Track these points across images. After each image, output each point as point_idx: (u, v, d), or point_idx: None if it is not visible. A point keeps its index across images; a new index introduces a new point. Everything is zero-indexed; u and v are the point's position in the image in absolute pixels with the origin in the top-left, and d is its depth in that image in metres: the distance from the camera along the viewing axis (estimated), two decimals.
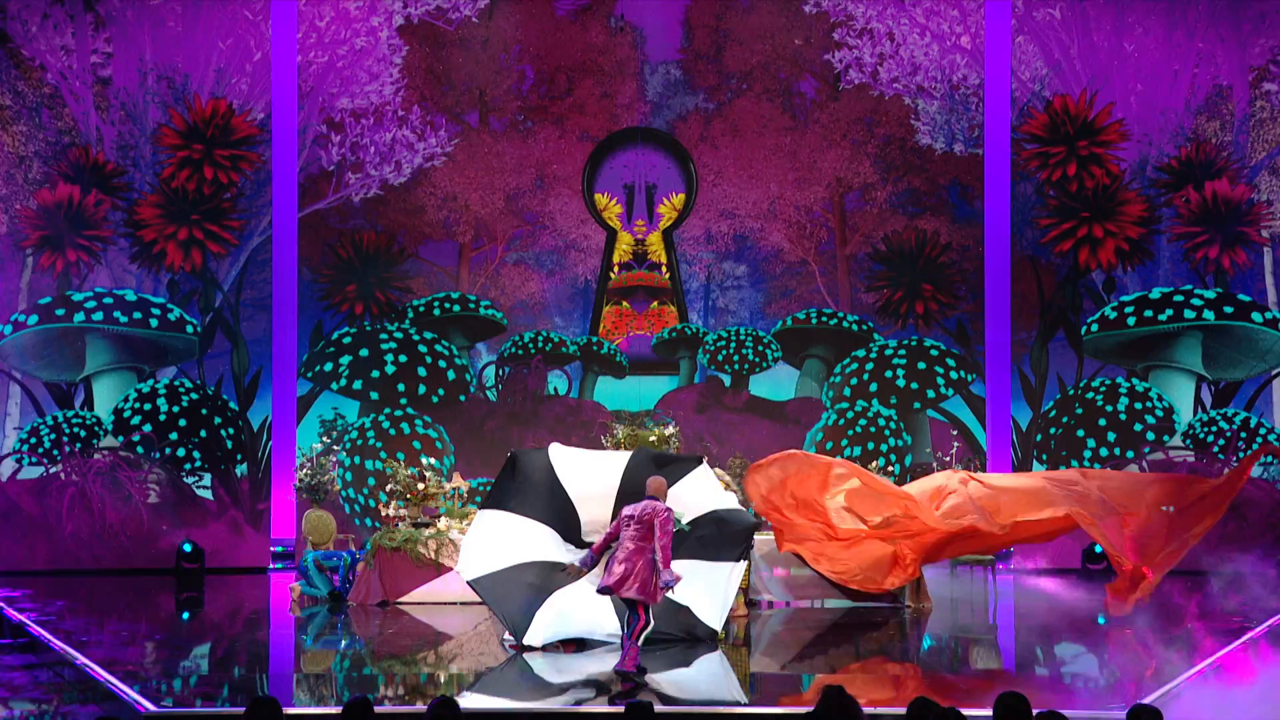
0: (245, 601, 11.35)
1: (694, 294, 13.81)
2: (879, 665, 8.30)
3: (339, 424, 13.42)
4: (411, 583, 10.32)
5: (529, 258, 13.75)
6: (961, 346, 13.52)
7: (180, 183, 13.11)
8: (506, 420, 13.69)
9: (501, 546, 8.66)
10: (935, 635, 9.46)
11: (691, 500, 8.84)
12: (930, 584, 10.50)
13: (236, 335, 13.29)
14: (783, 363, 13.70)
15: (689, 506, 8.80)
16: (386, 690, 7.21)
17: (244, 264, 13.31)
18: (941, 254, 13.50)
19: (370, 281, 13.52)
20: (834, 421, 13.49)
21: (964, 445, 12.79)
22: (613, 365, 13.82)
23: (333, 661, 8.51)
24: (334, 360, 13.44)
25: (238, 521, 13.08)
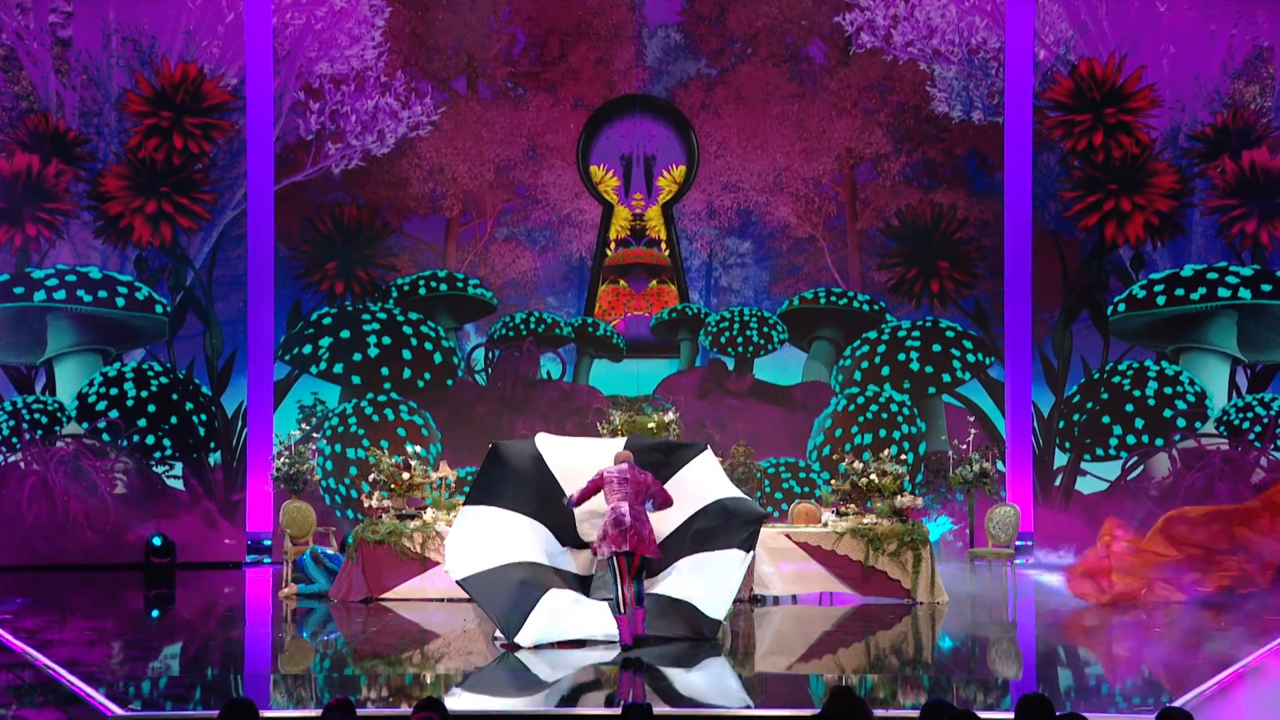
0: (219, 598, 11.34)
1: (695, 272, 13.80)
2: (891, 665, 8.28)
3: (319, 410, 13.42)
4: (396, 578, 10.31)
5: (520, 233, 13.73)
6: (979, 328, 13.51)
7: (148, 153, 13.04)
8: (496, 406, 13.69)
9: (490, 544, 8.62)
10: (951, 633, 9.44)
11: (697, 489, 8.80)
12: (946, 579, 10.51)
13: (209, 315, 13.26)
14: (789, 345, 13.70)
15: (694, 495, 8.76)
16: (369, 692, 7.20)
17: (217, 240, 13.28)
18: (958, 229, 13.46)
19: (352, 258, 13.51)
20: (843, 407, 13.48)
21: (981, 432, 12.76)
22: (609, 348, 13.82)
23: (312, 661, 8.49)
24: (313, 342, 13.44)
25: (211, 513, 13.09)
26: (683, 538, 8.66)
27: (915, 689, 7.38)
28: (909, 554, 10.25)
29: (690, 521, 8.71)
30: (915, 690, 7.34)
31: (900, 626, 9.44)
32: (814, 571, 10.33)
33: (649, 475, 8.46)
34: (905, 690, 7.35)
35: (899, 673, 7.94)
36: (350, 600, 10.23)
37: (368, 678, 7.62)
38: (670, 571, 8.64)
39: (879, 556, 10.27)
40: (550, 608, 8.27)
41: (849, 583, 10.31)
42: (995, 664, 8.59)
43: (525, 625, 8.16)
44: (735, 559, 8.60)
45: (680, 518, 8.73)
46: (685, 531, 8.67)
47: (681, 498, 8.73)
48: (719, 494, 8.82)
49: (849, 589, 10.30)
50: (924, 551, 10.24)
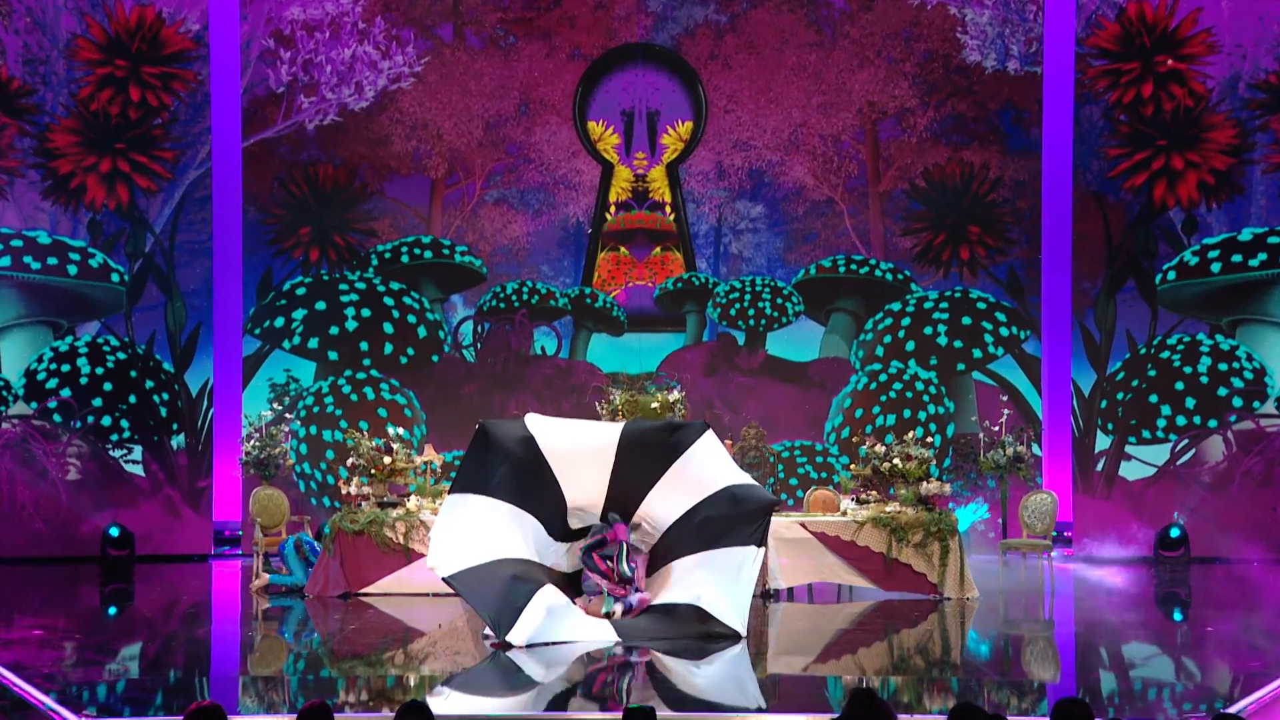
0: (183, 594, 11.33)
1: (703, 238, 13.78)
2: (916, 666, 8.27)
3: (292, 388, 13.42)
4: (377, 571, 10.31)
5: (511, 196, 13.72)
6: (1013, 299, 13.48)
7: (101, 105, 12.97)
8: (486, 384, 13.70)
9: (478, 538, 8.58)
10: (982, 632, 9.44)
11: (701, 474, 8.75)
12: (976, 573, 10.50)
13: (171, 285, 13.22)
14: (805, 318, 13.70)
15: (699, 481, 8.71)
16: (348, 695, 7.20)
17: (179, 202, 13.22)
18: (991, 191, 13.42)
19: (327, 223, 13.49)
20: (864, 386, 13.48)
21: (1016, 413, 12.74)
22: (609, 321, 13.82)
23: (285, 662, 8.50)
24: (286, 315, 13.43)
25: (174, 502, 13.09)
26: (687, 529, 8.62)
27: (943, 692, 7.38)
28: (935, 545, 10.24)
29: (695, 511, 8.65)
30: (942, 693, 7.33)
31: (926, 624, 9.42)
32: (832, 564, 10.32)
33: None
34: (932, 693, 7.35)
35: (924, 674, 7.94)
36: (327, 596, 10.22)
37: (346, 680, 7.63)
38: (674, 570, 8.60)
39: (903, 548, 10.26)
40: (545, 604, 8.24)
41: (870, 576, 10.29)
42: (1030, 665, 8.58)
43: (518, 623, 8.14)
44: (747, 557, 8.55)
45: (684, 506, 8.69)
46: (690, 522, 8.63)
47: (685, 484, 8.69)
48: (726, 480, 8.77)
49: (870, 583, 10.29)
50: (952, 543, 10.23)
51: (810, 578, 10.38)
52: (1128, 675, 8.17)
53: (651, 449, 8.77)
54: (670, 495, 8.71)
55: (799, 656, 8.63)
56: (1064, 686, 7.74)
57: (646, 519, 8.76)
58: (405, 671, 7.96)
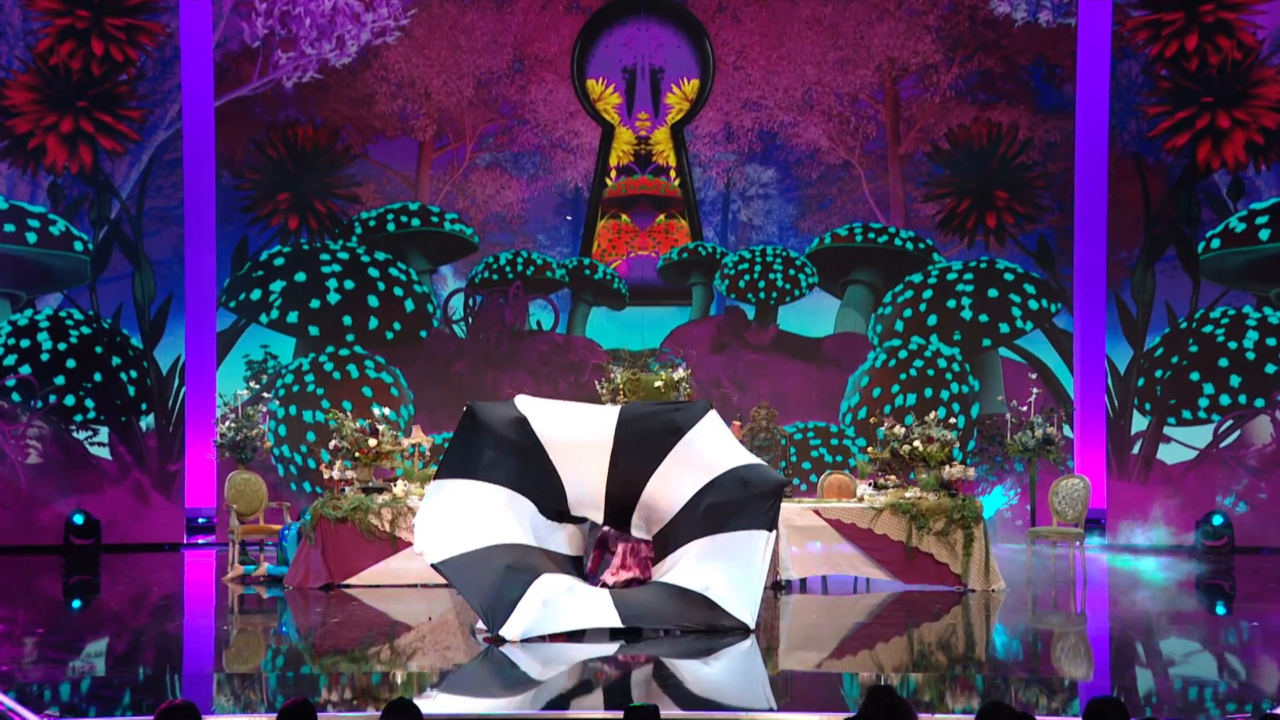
0: (153, 585, 11.36)
1: (710, 205, 13.77)
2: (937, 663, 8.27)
3: (270, 366, 13.42)
4: (361, 561, 10.33)
5: (505, 160, 13.69)
6: (1044, 269, 13.45)
7: (61, 59, 12.91)
8: (478, 361, 13.70)
9: (469, 523, 8.56)
10: (1008, 626, 9.44)
11: (707, 456, 8.73)
12: (1002, 562, 10.50)
13: (139, 254, 13.20)
14: (819, 290, 13.70)
15: (704, 464, 8.69)
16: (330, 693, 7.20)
17: (147, 165, 13.20)
18: (1020, 153, 13.37)
19: (307, 188, 13.47)
20: (883, 363, 13.48)
21: (1045, 392, 12.74)
22: (609, 294, 13.82)
23: (263, 659, 8.50)
24: (263, 287, 13.42)
25: (143, 487, 13.11)
26: (693, 515, 8.60)
27: (966, 690, 7.39)
28: (959, 533, 10.24)
29: (701, 495, 8.63)
30: (966, 692, 7.34)
31: (948, 618, 9.43)
32: (847, 554, 10.33)
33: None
34: (955, 692, 7.35)
35: (947, 671, 7.94)
36: (308, 587, 10.22)
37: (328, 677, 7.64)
38: (680, 557, 8.58)
39: (924, 536, 10.27)
40: (541, 595, 8.23)
41: (888, 567, 10.30)
42: (1060, 662, 8.58)
43: (512, 615, 8.12)
44: (757, 542, 8.53)
45: (689, 491, 8.66)
46: (695, 507, 8.61)
47: (689, 467, 8.67)
48: (732, 462, 8.74)
49: (888, 574, 10.29)
50: (976, 531, 10.23)
51: (824, 568, 10.39)
52: (1166, 673, 8.16)
53: (652, 432, 8.75)
54: (673, 480, 8.69)
55: (812, 652, 8.63)
56: (1097, 685, 7.73)
57: (649, 505, 8.75)
58: (392, 668, 7.96)
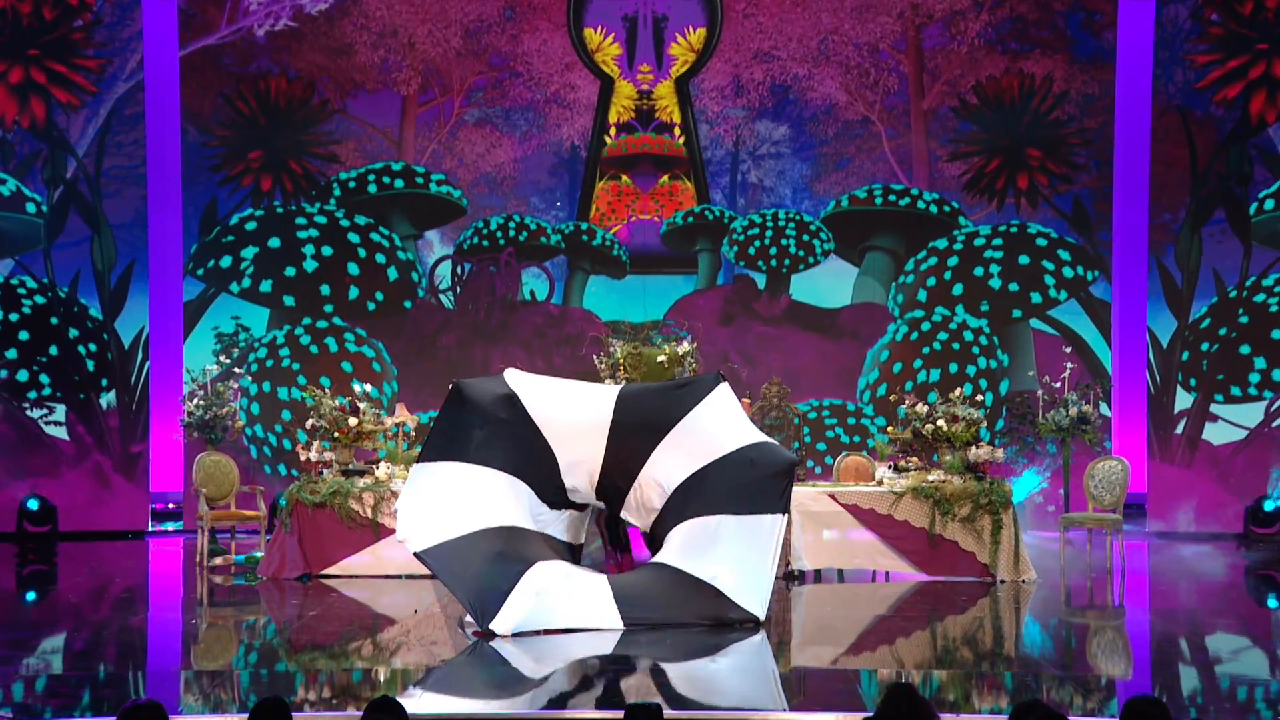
0: (115, 576, 11.36)
1: (718, 165, 13.74)
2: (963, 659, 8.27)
3: (241, 339, 13.41)
4: (340, 549, 10.35)
5: (496, 115, 13.68)
6: (1080, 234, 13.42)
7: (9, 2, 12.85)
8: (467, 334, 13.71)
9: (456, 507, 8.53)
10: (1040, 620, 9.43)
11: (712, 434, 8.69)
12: (1034, 552, 10.48)
13: (97, 217, 13.18)
14: (835, 257, 13.68)
15: (709, 443, 8.66)
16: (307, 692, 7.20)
17: (106, 120, 13.15)
18: (1055, 107, 13.33)
19: (281, 146, 13.46)
20: (904, 336, 13.47)
21: (1081, 366, 12.71)
22: (608, 261, 13.79)
23: (234, 655, 8.50)
24: (233, 253, 13.40)
25: (103, 470, 13.12)
26: (695, 493, 8.56)
27: (994, 689, 7.38)
28: (986, 520, 10.25)
29: (704, 473, 8.59)
30: (994, 691, 7.34)
31: (974, 611, 9.43)
32: (865, 542, 10.34)
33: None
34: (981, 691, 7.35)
35: (973, 669, 7.92)
36: (283, 578, 10.23)
37: (305, 674, 7.63)
38: (681, 534, 8.54)
39: (948, 523, 10.27)
40: (535, 586, 8.20)
41: (910, 556, 10.31)
42: (1097, 659, 8.57)
43: (503, 609, 8.10)
44: (768, 527, 8.49)
45: (691, 468, 8.62)
46: (698, 486, 8.57)
47: (693, 444, 8.63)
48: (740, 440, 8.70)
49: (910, 564, 10.31)
50: (1005, 517, 10.23)
51: (840, 557, 10.39)
52: (1212, 671, 8.15)
53: (654, 406, 8.74)
54: (675, 456, 8.65)
55: (827, 647, 8.62)
56: (1137, 683, 7.72)
57: (646, 487, 8.71)
58: (374, 665, 7.95)
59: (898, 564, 10.31)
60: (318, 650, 8.23)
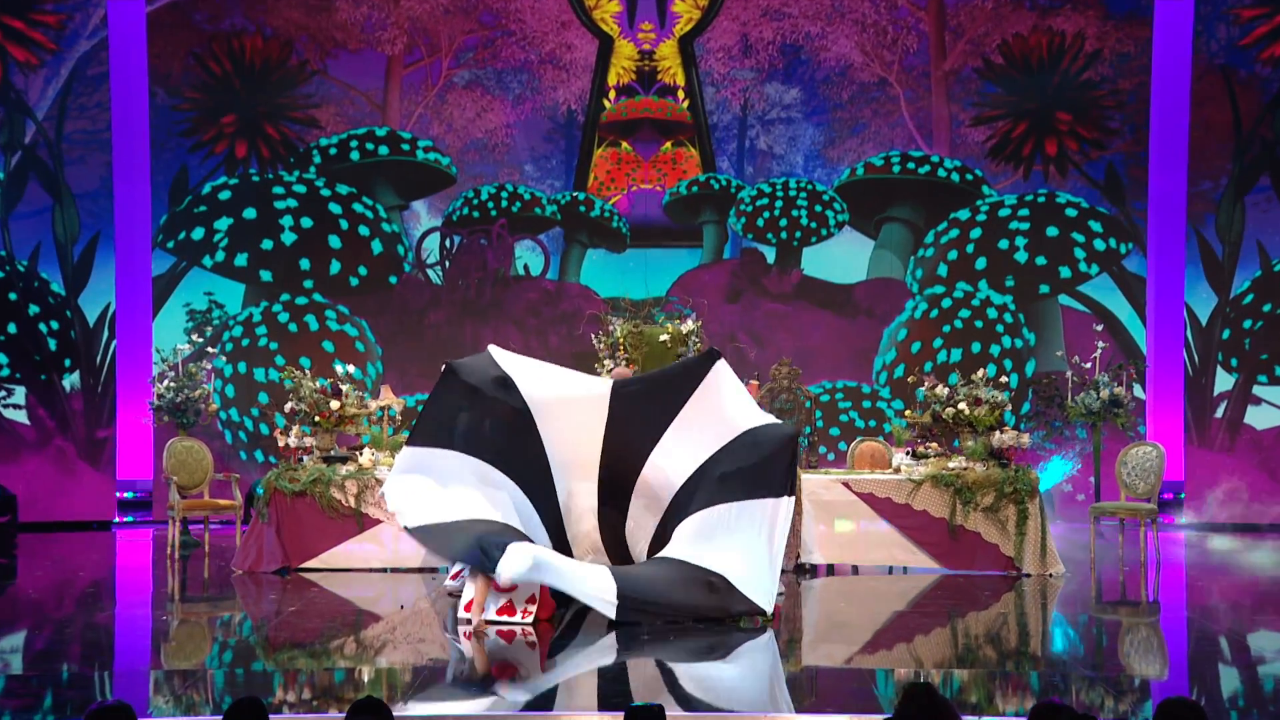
0: (79, 570, 11.36)
1: (725, 130, 13.73)
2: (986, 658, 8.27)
3: (215, 316, 13.41)
4: (322, 541, 10.38)
5: (487, 78, 13.66)
6: (1113, 203, 13.41)
7: None
8: (456, 311, 13.71)
9: (446, 496, 8.60)
10: (1068, 616, 9.44)
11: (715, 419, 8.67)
12: (1062, 544, 10.48)
13: (59, 185, 13.16)
14: (850, 229, 13.68)
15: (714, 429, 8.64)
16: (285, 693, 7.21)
17: (67, 81, 13.12)
18: (1087, 67, 13.30)
19: (257, 110, 13.45)
20: (924, 313, 13.47)
21: (1113, 346, 12.69)
22: (607, 234, 13.80)
23: (207, 653, 8.51)
24: (206, 224, 13.40)
25: (67, 456, 13.13)
26: (702, 484, 8.57)
27: (1019, 690, 7.39)
28: (1011, 510, 10.27)
29: (706, 468, 8.61)
30: (1019, 692, 7.35)
31: (998, 606, 9.45)
32: (881, 533, 10.36)
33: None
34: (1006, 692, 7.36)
35: (997, 668, 7.92)
36: (260, 571, 10.27)
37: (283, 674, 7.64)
38: (688, 528, 8.55)
39: (970, 513, 10.28)
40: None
41: (929, 548, 10.33)
42: (1129, 659, 8.57)
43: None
44: (773, 510, 8.48)
45: (699, 458, 8.62)
46: (707, 477, 8.58)
47: (697, 431, 8.63)
48: (743, 424, 8.70)
49: (929, 556, 10.33)
50: (1031, 506, 10.25)
51: (855, 550, 10.41)
52: (1255, 672, 8.15)
53: (653, 392, 8.75)
54: (681, 446, 8.68)
55: (840, 645, 8.63)
56: (1172, 685, 7.72)
57: (652, 483, 8.72)
58: (357, 664, 7.95)
59: (916, 556, 10.32)
60: (297, 648, 8.25)
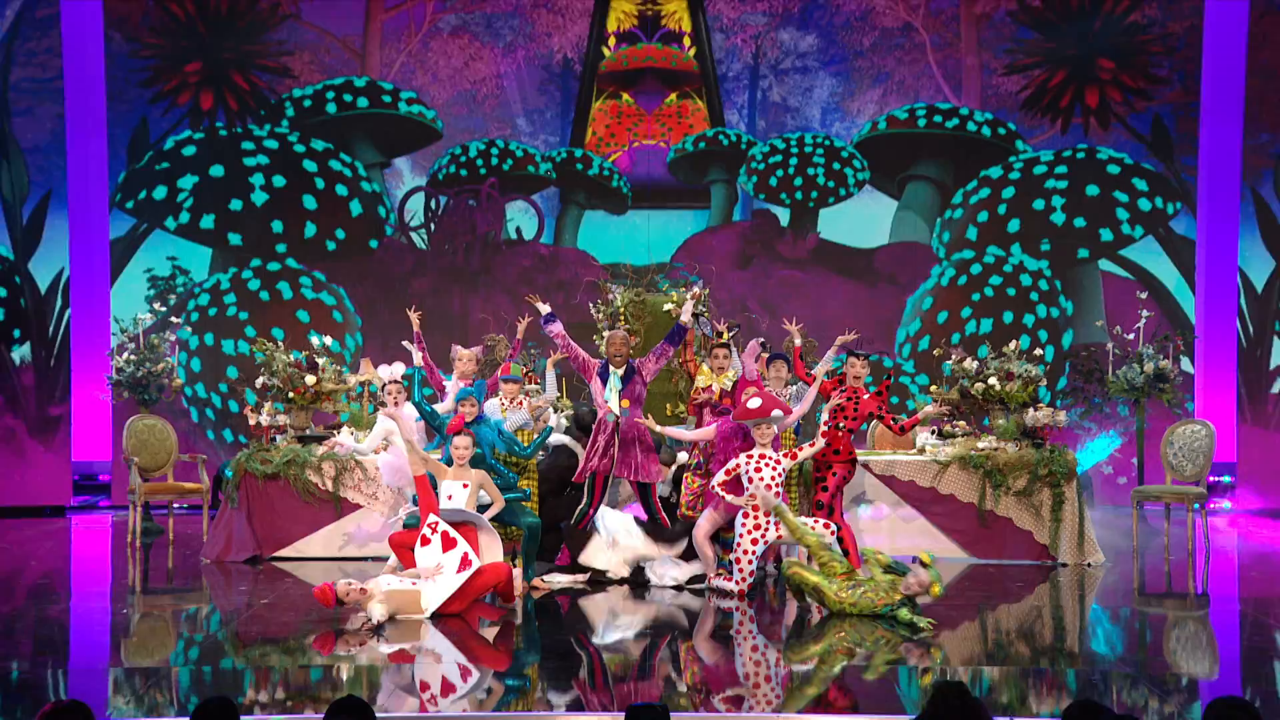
0: (30, 558, 11.37)
1: (734, 81, 13.71)
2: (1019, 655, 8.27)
3: (179, 283, 13.40)
4: (297, 527, 10.41)
5: (475, 23, 13.67)
6: (1159, 159, 13.39)
7: None
8: (443, 278, 13.71)
9: None
10: (1109, 610, 9.44)
11: None
12: (1102, 531, 10.49)
13: (5, 139, 13.15)
14: (870, 189, 13.64)
15: None
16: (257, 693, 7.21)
17: (12, 24, 13.09)
18: (1133, 9, 13.29)
19: (224, 58, 13.39)
20: (951, 280, 13.46)
21: (1159, 315, 12.67)
22: (607, 194, 13.78)
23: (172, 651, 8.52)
24: (168, 183, 13.39)
25: (17, 435, 13.16)
26: None
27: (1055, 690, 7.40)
28: (1046, 494, 10.29)
29: None
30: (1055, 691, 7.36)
31: (1032, 599, 9.46)
32: (904, 519, 10.39)
33: (647, 361, 9.42)
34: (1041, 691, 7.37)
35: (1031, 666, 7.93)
36: (229, 560, 10.29)
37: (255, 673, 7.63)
38: None
39: (1001, 497, 10.30)
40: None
41: (956, 535, 10.35)
42: (1175, 656, 8.57)
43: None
44: None
45: None
46: None
47: None
48: None
49: (956, 545, 10.35)
50: (1068, 490, 10.26)
51: (875, 537, 10.39)
52: None
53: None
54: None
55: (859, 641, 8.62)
56: (1223, 684, 7.72)
57: None
58: (336, 661, 7.95)
59: (942, 544, 10.32)
60: (270, 644, 8.25)
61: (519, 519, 9.24)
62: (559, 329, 9.58)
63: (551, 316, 9.61)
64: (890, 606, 8.38)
